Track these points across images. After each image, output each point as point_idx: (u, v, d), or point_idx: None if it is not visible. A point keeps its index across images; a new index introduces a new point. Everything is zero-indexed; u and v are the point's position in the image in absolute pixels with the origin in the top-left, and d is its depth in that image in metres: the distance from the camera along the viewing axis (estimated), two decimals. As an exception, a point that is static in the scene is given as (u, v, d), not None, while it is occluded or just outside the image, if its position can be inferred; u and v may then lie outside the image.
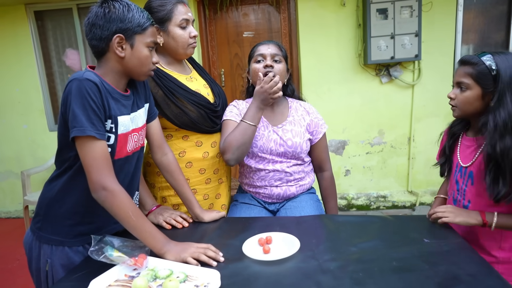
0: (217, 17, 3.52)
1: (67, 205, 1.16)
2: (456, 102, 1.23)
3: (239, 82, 3.62)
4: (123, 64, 1.11)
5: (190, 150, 1.51)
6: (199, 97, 1.48)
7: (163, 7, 1.40)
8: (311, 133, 1.57)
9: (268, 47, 1.52)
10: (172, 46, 1.45)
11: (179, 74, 1.50)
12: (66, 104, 1.02)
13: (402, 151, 3.43)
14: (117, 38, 1.06)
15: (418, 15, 2.99)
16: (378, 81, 3.30)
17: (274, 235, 1.18)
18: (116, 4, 1.06)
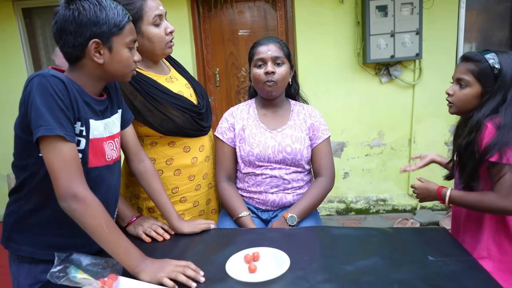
0: (211, 15, 3.41)
1: (37, 218, 1.05)
2: (454, 99, 1.22)
3: (234, 81, 3.51)
4: (102, 70, 1.00)
5: (178, 157, 1.40)
6: (183, 100, 1.37)
7: (130, 5, 1.25)
8: (311, 137, 1.46)
9: (268, 48, 1.40)
10: (148, 48, 1.32)
11: (158, 75, 1.38)
12: (27, 103, 0.89)
13: (402, 153, 3.33)
14: (93, 44, 0.95)
15: (419, 13, 2.88)
16: (377, 80, 3.20)
17: (262, 250, 1.06)
18: (85, 4, 0.93)
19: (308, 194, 1.39)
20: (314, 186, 1.42)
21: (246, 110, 1.51)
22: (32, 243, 1.06)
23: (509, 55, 1.14)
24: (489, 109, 1.13)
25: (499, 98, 1.13)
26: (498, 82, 1.12)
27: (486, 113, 1.14)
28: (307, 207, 1.36)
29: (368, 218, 3.28)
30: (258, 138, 1.43)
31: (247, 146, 1.42)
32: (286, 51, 1.44)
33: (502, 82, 1.12)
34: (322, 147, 1.46)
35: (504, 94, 1.13)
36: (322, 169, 1.45)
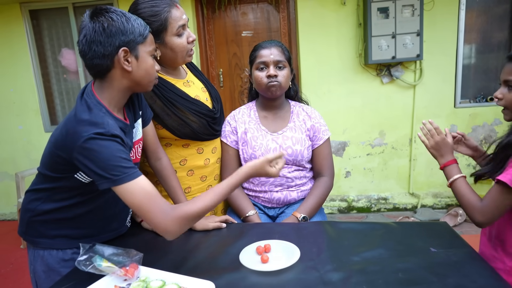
0: (215, 16, 3.46)
1: (55, 215, 1.13)
2: (505, 102, 1.10)
3: (237, 82, 3.57)
4: (130, 78, 1.04)
5: (191, 158, 1.45)
6: (200, 105, 1.41)
7: (156, 17, 1.25)
8: (311, 138, 1.51)
9: (271, 52, 1.44)
10: (170, 57, 1.35)
11: (176, 80, 1.43)
12: (89, 160, 0.94)
13: (403, 153, 3.38)
14: (122, 52, 0.99)
15: (420, 14, 2.94)
16: (379, 81, 3.25)
17: (273, 243, 1.12)
18: (113, 16, 0.97)
19: (314, 193, 1.45)
20: (319, 186, 1.47)
21: (247, 113, 1.55)
22: (47, 236, 1.14)
23: None
24: None
25: None
26: None
27: None
28: (314, 206, 1.42)
29: (370, 217, 3.34)
30: (260, 141, 1.48)
31: (249, 149, 1.48)
32: (287, 55, 1.49)
33: None
34: (323, 148, 1.51)
35: None
36: (324, 169, 1.51)
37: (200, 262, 1.08)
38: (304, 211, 1.40)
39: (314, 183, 1.51)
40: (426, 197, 3.37)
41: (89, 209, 1.14)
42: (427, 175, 3.38)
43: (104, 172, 0.92)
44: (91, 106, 1.00)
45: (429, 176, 3.37)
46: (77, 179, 1.05)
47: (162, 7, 1.26)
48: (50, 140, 1.06)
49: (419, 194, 3.37)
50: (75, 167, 0.99)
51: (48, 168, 1.07)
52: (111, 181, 0.92)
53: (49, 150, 1.05)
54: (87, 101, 1.01)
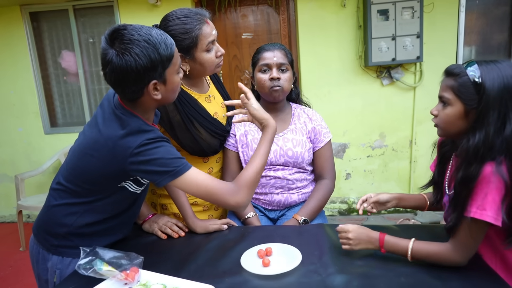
0: (215, 18, 3.46)
1: (89, 229, 1.12)
2: (438, 120, 1.03)
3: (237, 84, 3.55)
4: (159, 101, 1.05)
5: (196, 166, 1.43)
6: (217, 125, 1.43)
7: (187, 34, 1.25)
8: (312, 141, 1.50)
9: (274, 55, 1.44)
10: (198, 71, 1.36)
11: (199, 95, 1.44)
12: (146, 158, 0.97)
13: (403, 155, 3.38)
14: (152, 85, 0.97)
15: (420, 16, 2.94)
16: (379, 83, 3.25)
17: (274, 246, 1.12)
18: (137, 50, 0.91)
19: (315, 196, 1.45)
20: (320, 189, 1.47)
21: None
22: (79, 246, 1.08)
23: (496, 65, 0.94)
24: (481, 137, 0.92)
25: (493, 119, 0.92)
26: (483, 100, 0.92)
27: (478, 143, 0.92)
28: (315, 209, 1.42)
29: (370, 219, 3.33)
30: None
31: (250, 151, 1.47)
32: (290, 58, 1.49)
33: (486, 99, 0.91)
34: (324, 151, 1.50)
35: (500, 115, 0.92)
36: (325, 172, 1.50)
37: (201, 266, 1.07)
38: (305, 214, 1.39)
39: (315, 186, 1.50)
40: (427, 199, 3.36)
41: (121, 217, 1.16)
42: (427, 177, 3.31)
43: (165, 167, 0.97)
44: (129, 117, 1.00)
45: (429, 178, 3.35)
46: (124, 188, 1.07)
47: (193, 24, 1.26)
48: (89, 156, 1.02)
49: (420, 196, 3.35)
50: (124, 177, 1.02)
51: (88, 181, 1.05)
52: (174, 173, 0.97)
53: (86, 165, 1.03)
54: (124, 113, 1.01)
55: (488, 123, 0.92)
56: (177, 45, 1.29)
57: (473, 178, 0.92)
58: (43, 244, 1.13)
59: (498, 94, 0.91)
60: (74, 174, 1.06)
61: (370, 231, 1.06)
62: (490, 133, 0.91)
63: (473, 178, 0.92)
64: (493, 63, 0.95)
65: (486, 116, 0.92)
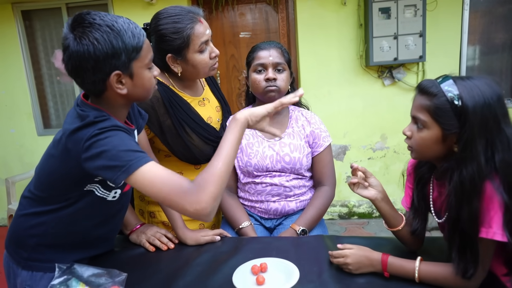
0: (212, 17, 3.38)
1: (59, 240, 1.03)
2: (413, 142, 0.92)
3: (235, 84, 3.48)
4: (126, 97, 0.94)
5: (187, 172, 1.38)
6: (210, 131, 1.35)
7: (178, 34, 1.17)
8: (310, 145, 1.41)
9: (270, 54, 1.35)
10: (191, 73, 1.28)
11: (192, 98, 1.35)
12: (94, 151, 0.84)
13: (405, 157, 3.29)
14: (115, 76, 0.88)
15: (423, 15, 2.85)
16: (380, 83, 3.16)
17: (270, 261, 1.03)
18: (97, 35, 0.82)
19: (314, 204, 1.36)
20: (319, 196, 1.38)
21: None
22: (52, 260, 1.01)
23: (473, 83, 0.83)
24: (474, 169, 0.82)
25: (481, 147, 0.82)
26: (467, 127, 0.82)
27: (473, 175, 0.82)
28: (314, 218, 1.33)
29: (371, 222, 3.25)
30: (256, 148, 1.39)
31: (244, 157, 1.39)
32: (287, 57, 1.40)
33: (471, 126, 0.81)
34: (324, 156, 1.41)
35: (488, 142, 0.82)
36: (325, 178, 1.41)
37: (190, 283, 0.99)
38: (303, 224, 1.30)
39: (314, 193, 1.41)
40: (429, 203, 3.27)
41: (99, 228, 1.07)
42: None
43: (116, 161, 0.81)
44: (89, 111, 0.90)
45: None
46: (91, 193, 0.97)
47: (185, 23, 1.18)
48: (50, 156, 0.96)
49: (422, 200, 3.27)
50: (85, 178, 0.91)
51: (52, 186, 0.97)
52: (126, 169, 0.80)
53: (49, 167, 0.96)
54: (83, 109, 0.91)
55: (477, 152, 0.82)
56: (168, 46, 1.22)
57: (475, 205, 0.83)
58: (14, 257, 1.05)
59: (482, 119, 0.81)
60: (40, 179, 0.99)
61: (371, 252, 0.97)
62: (482, 163, 0.81)
63: (475, 205, 0.83)
64: (469, 80, 0.84)
65: (474, 145, 0.82)
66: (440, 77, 0.88)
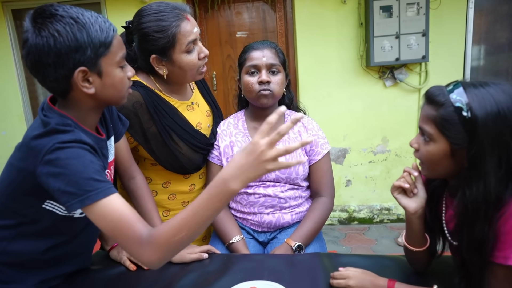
0: (208, 16, 3.28)
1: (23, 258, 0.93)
2: (420, 155, 0.82)
3: (231, 85, 3.38)
4: (95, 99, 0.85)
5: (176, 182, 1.29)
6: (199, 138, 1.25)
7: (162, 32, 1.08)
8: (307, 153, 1.31)
9: (263, 54, 1.24)
10: (177, 76, 1.18)
11: (180, 102, 1.25)
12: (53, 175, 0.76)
13: (407, 160, 3.19)
14: (79, 73, 0.78)
15: (426, 13, 2.75)
16: (381, 84, 3.06)
17: (261, 285, 0.93)
18: (59, 26, 0.74)
19: (311, 217, 1.25)
20: (316, 208, 1.28)
21: (234, 125, 1.36)
22: (16, 281, 0.93)
23: (486, 90, 0.73)
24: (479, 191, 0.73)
25: (491, 165, 0.72)
26: (475, 141, 0.72)
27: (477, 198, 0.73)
28: (311, 232, 1.22)
29: (372, 228, 3.14)
30: None
31: None
32: (281, 58, 1.30)
33: (479, 141, 0.72)
34: (322, 164, 1.31)
35: (501, 160, 0.72)
36: (323, 189, 1.31)
37: (171, 310, 0.88)
38: (299, 238, 1.20)
39: (311, 205, 1.31)
40: (432, 207, 3.17)
41: (67, 246, 0.96)
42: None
43: (74, 188, 0.74)
44: (52, 117, 0.81)
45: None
46: (47, 210, 0.86)
47: (170, 21, 1.08)
48: (9, 164, 0.87)
49: (425, 204, 3.17)
50: (42, 193, 0.81)
51: (9, 198, 0.87)
52: (82, 199, 0.74)
53: (8, 176, 0.86)
54: (46, 115, 0.82)
55: (486, 171, 0.72)
56: (151, 46, 1.11)
57: (478, 231, 0.73)
58: None
59: (495, 132, 0.71)
60: (0, 191, 0.89)
61: (375, 277, 0.87)
62: (491, 184, 0.71)
63: (478, 231, 0.73)
64: (483, 88, 0.74)
65: (483, 162, 0.72)
66: (450, 84, 0.79)
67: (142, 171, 1.26)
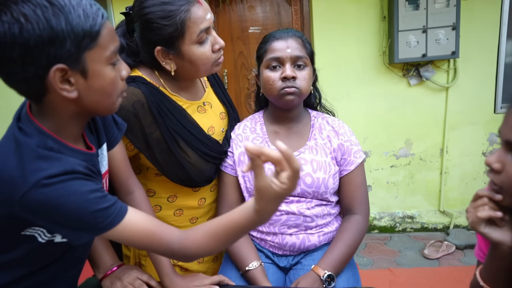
0: (219, 11, 3.09)
1: None
2: (503, 179, 0.64)
3: (244, 84, 3.19)
4: (78, 104, 0.66)
5: (183, 196, 1.10)
6: (211, 146, 1.06)
7: (169, 19, 0.90)
8: (338, 162, 1.11)
9: (287, 45, 1.04)
10: (188, 72, 1.00)
11: (190, 103, 1.07)
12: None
13: (433, 165, 2.96)
14: (56, 73, 0.60)
15: (456, 4, 2.51)
16: (405, 83, 2.84)
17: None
18: (27, 10, 0.56)
19: (342, 239, 1.05)
20: (349, 229, 1.07)
21: (252, 128, 1.16)
22: None
23: None
24: None
25: None
26: None
27: None
28: (342, 258, 1.02)
29: (394, 238, 2.92)
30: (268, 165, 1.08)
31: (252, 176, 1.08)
32: (309, 49, 1.10)
33: None
34: (356, 176, 1.11)
35: None
36: (356, 205, 1.10)
37: None
38: (329, 266, 1.00)
39: (342, 224, 1.11)
40: (460, 216, 2.94)
41: (48, 271, 0.79)
42: (460, 190, 2.94)
43: (81, 224, 0.65)
44: (31, 134, 0.64)
45: (463, 192, 2.94)
46: (27, 236, 0.70)
47: (178, 4, 0.90)
48: None
49: (452, 213, 2.93)
50: (21, 224, 0.66)
51: None
52: (94, 231, 0.68)
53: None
54: (21, 128, 0.65)
55: None
56: (156, 35, 0.92)
57: None
58: None
59: None
60: None
61: None
62: None
63: None
64: None
65: None
66: None
67: (144, 183, 1.08)
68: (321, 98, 1.22)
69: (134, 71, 1.02)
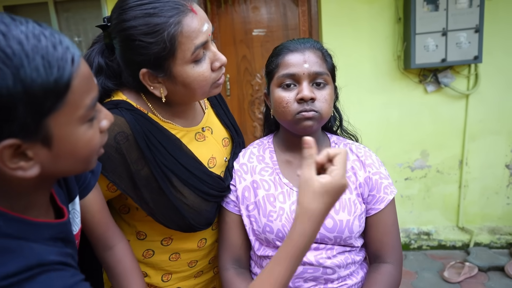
0: (221, 12, 2.90)
1: None
2: None
3: (247, 90, 2.99)
4: (42, 177, 0.49)
5: (180, 238, 0.91)
6: (211, 184, 0.87)
7: (155, 35, 0.71)
8: (365, 200, 0.91)
9: (304, 58, 0.85)
10: (181, 96, 0.81)
11: (186, 130, 0.88)
12: None
13: (451, 177, 2.75)
14: (5, 151, 0.42)
15: (480, 5, 2.30)
16: (422, 89, 2.64)
17: None
18: None
19: None
20: (379, 282, 0.86)
21: (259, 156, 0.96)
22: None
23: None
24: None
25: None
26: None
27: None
28: None
29: (409, 256, 2.71)
30: (280, 203, 0.88)
31: (262, 217, 0.88)
32: (330, 64, 0.91)
33: None
34: (386, 216, 0.90)
35: None
36: (387, 251, 0.90)
37: None
38: None
39: (371, 275, 0.90)
40: (481, 233, 2.73)
41: None
42: (481, 205, 2.73)
43: None
44: None
45: (483, 207, 2.73)
46: None
47: (166, 16, 0.71)
48: None
49: (472, 229, 2.72)
50: None
51: None
52: None
53: None
54: None
55: None
56: (139, 55, 0.71)
57: None
58: None
59: None
60: None
61: None
62: None
63: None
64: None
65: None
66: None
67: (134, 224, 0.90)
68: (342, 120, 1.02)
69: (117, 94, 0.83)
